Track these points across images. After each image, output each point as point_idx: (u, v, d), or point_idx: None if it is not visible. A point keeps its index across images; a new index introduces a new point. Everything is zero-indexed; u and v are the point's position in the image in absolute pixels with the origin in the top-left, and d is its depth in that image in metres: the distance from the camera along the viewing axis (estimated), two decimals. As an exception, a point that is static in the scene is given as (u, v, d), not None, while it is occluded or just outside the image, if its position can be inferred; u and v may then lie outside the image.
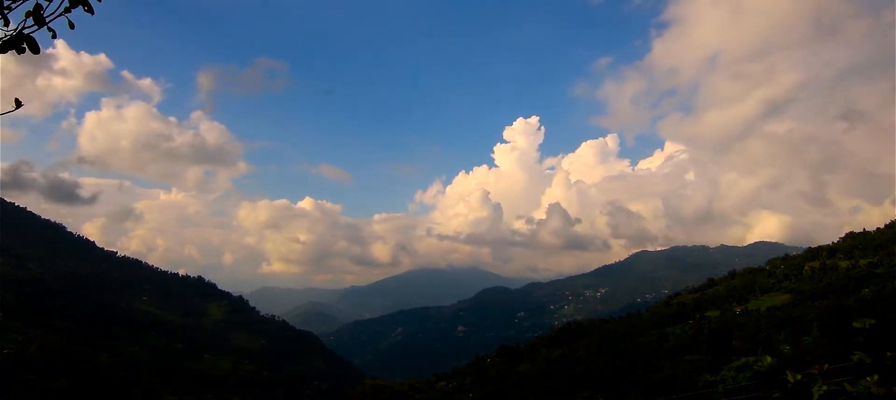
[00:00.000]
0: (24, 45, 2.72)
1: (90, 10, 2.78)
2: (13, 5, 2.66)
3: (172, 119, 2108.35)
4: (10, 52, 2.72)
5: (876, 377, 3.90)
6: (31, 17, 2.68)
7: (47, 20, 2.70)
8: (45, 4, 2.68)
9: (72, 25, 2.84)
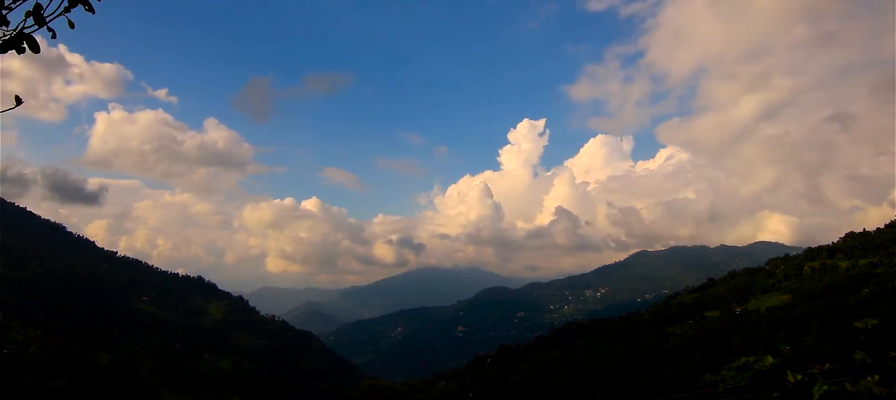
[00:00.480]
0: (24, 45, 2.72)
1: (90, 10, 2.78)
2: (13, 5, 2.66)
3: (183, 123, 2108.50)
4: (9, 52, 2.72)
5: (877, 377, 3.89)
6: (31, 17, 2.67)
7: (47, 20, 2.69)
8: (45, 4, 2.68)
9: (71, 25, 2.83)
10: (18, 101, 2.84)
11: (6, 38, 2.69)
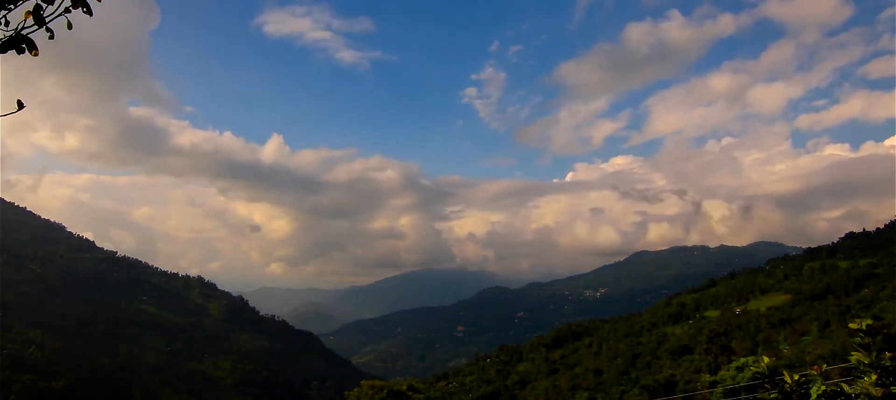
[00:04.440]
0: (24, 46, 2.73)
1: (89, 12, 2.79)
2: (13, 6, 2.67)
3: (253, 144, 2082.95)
4: (9, 52, 2.74)
5: (874, 377, 3.91)
6: (31, 18, 2.68)
7: (47, 20, 2.70)
8: (44, 5, 2.69)
9: (70, 26, 2.85)
10: (20, 105, 2.85)
11: (6, 38, 2.70)
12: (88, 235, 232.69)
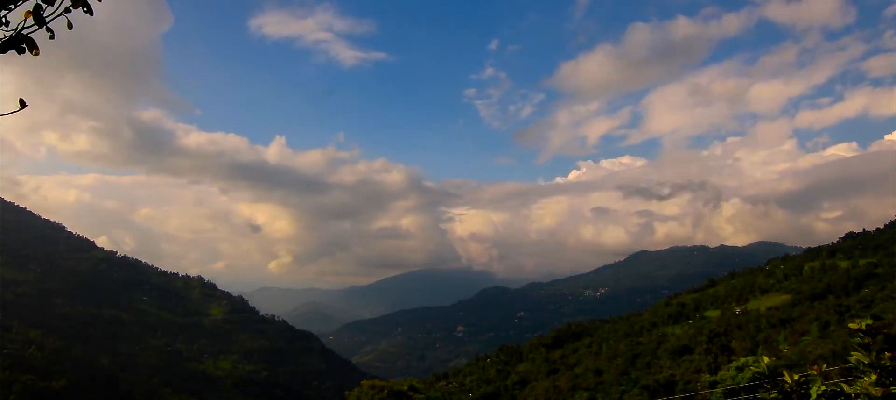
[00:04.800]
0: (24, 45, 2.73)
1: (90, 11, 2.79)
2: (13, 6, 2.67)
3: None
4: (9, 51, 2.73)
5: (874, 377, 3.91)
6: (31, 17, 2.68)
7: (47, 20, 2.70)
8: (44, 5, 2.69)
9: (71, 26, 2.84)
10: (22, 104, 2.85)
11: (6, 38, 2.70)
12: (101, 241, 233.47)
